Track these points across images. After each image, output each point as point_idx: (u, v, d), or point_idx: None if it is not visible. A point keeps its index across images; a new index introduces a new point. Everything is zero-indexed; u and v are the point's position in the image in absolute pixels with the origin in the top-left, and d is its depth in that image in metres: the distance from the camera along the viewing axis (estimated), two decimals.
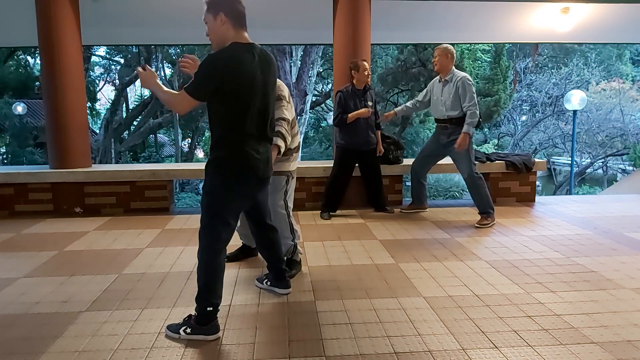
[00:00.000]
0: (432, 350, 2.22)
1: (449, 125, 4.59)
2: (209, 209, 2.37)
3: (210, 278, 2.37)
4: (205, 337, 2.35)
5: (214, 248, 2.38)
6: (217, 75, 2.21)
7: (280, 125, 2.95)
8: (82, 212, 5.26)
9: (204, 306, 2.35)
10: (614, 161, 19.20)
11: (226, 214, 2.38)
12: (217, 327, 2.39)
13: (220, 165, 2.34)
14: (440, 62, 4.58)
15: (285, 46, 13.53)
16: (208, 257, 2.37)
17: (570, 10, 6.20)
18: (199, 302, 2.37)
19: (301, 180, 5.33)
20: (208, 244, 2.37)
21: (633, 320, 2.51)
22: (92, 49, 18.70)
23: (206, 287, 2.36)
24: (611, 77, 20.92)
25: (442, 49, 4.61)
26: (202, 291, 2.37)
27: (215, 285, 2.38)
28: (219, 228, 2.37)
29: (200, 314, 2.36)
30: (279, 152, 2.89)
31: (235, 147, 2.32)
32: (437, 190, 15.06)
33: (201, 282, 2.37)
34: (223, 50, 2.26)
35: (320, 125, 23.45)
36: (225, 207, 2.37)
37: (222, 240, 2.40)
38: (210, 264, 2.37)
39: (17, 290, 3.02)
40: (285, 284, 2.93)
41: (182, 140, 22.72)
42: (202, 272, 2.37)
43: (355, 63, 4.79)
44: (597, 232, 4.27)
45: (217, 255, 2.38)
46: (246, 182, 2.39)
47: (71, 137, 5.26)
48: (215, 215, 2.36)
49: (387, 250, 3.79)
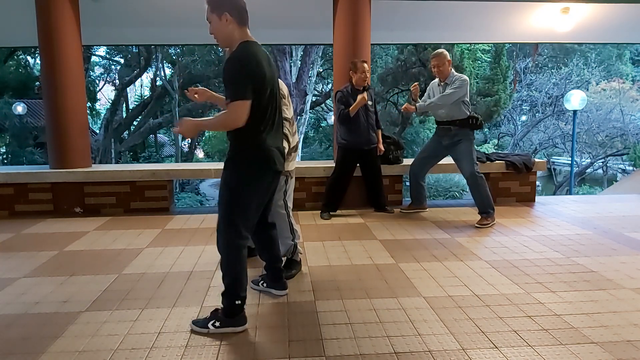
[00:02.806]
0: (432, 350, 2.22)
1: (452, 127, 4.60)
2: (229, 204, 2.38)
3: (237, 273, 2.40)
4: (235, 328, 2.40)
5: (237, 243, 2.40)
6: (250, 73, 2.25)
7: (284, 126, 2.96)
8: (82, 212, 5.26)
9: (232, 300, 2.39)
10: (614, 161, 19.20)
11: (247, 209, 2.40)
12: (245, 318, 2.43)
13: (242, 161, 2.37)
14: (441, 69, 4.59)
15: (285, 46, 13.53)
16: (231, 253, 2.40)
17: (570, 10, 6.20)
18: (227, 296, 2.41)
19: (301, 180, 5.33)
20: (230, 240, 2.39)
21: (633, 320, 2.51)
22: (92, 49, 18.70)
23: (234, 282, 2.40)
24: (611, 77, 20.92)
25: (440, 57, 4.58)
26: (230, 287, 2.40)
27: (242, 279, 2.41)
28: (240, 223, 2.39)
29: (229, 308, 2.40)
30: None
31: (256, 143, 2.35)
32: (437, 190, 15.06)
33: (229, 278, 2.40)
34: (242, 51, 2.28)
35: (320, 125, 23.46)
36: (245, 203, 2.39)
37: (243, 236, 2.42)
38: (235, 259, 2.40)
39: (17, 290, 3.02)
40: (282, 285, 2.92)
41: (182, 140, 22.69)
42: (228, 269, 2.40)
43: (355, 64, 4.80)
44: (597, 232, 4.27)
45: (241, 250, 2.41)
46: (265, 177, 2.42)
47: (71, 137, 5.26)
48: (235, 210, 2.38)
49: (387, 250, 3.79)
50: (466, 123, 4.54)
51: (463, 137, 4.56)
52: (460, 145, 4.58)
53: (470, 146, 4.59)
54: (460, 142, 4.57)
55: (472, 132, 4.63)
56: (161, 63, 18.86)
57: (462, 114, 4.53)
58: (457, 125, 4.56)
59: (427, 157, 4.97)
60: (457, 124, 4.56)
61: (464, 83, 4.50)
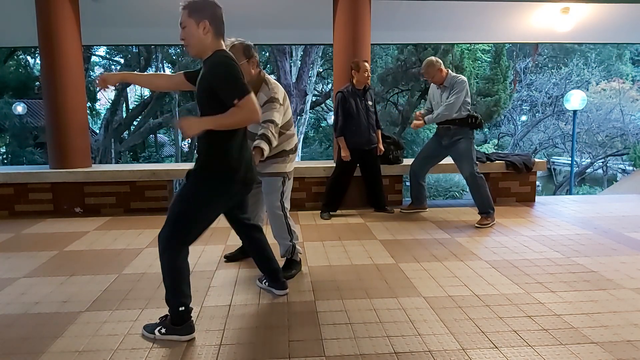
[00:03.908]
0: (432, 350, 2.22)
1: (451, 127, 4.60)
2: (183, 216, 2.31)
3: (176, 280, 2.34)
4: (180, 337, 2.34)
5: (178, 250, 2.34)
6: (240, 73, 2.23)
7: (266, 128, 2.91)
8: (82, 212, 5.26)
9: (175, 307, 2.34)
10: (614, 161, 19.22)
11: (200, 223, 2.35)
12: (191, 327, 2.38)
13: (206, 178, 2.30)
14: (436, 78, 4.60)
15: (285, 46, 13.54)
16: (172, 261, 2.33)
17: (570, 10, 6.20)
18: (169, 303, 2.36)
19: (301, 180, 5.33)
20: (173, 248, 2.32)
21: (633, 320, 2.51)
22: (92, 49, 18.71)
23: (174, 289, 2.34)
24: (611, 77, 20.94)
25: (431, 67, 4.55)
26: (169, 292, 2.35)
27: (181, 286, 2.35)
28: (187, 235, 2.33)
29: (174, 314, 2.36)
30: (262, 154, 2.85)
31: (225, 158, 2.29)
32: (437, 190, 15.07)
33: (167, 283, 2.35)
34: (224, 55, 2.24)
35: (320, 125, 23.47)
36: (200, 218, 2.33)
37: (186, 244, 2.36)
38: (175, 266, 2.33)
39: (17, 290, 3.02)
40: (281, 285, 2.91)
41: (182, 140, 22.70)
42: (167, 274, 2.34)
43: (357, 63, 4.79)
44: (597, 232, 4.28)
45: (178, 257, 2.34)
46: (227, 192, 2.35)
47: (71, 137, 5.26)
48: (186, 223, 2.31)
49: (387, 250, 3.79)
50: (465, 122, 4.54)
51: (463, 136, 4.56)
52: (459, 145, 4.58)
53: (470, 146, 4.59)
54: (459, 142, 4.57)
55: (472, 132, 4.63)
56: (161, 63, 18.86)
57: (462, 114, 4.53)
58: (457, 124, 4.57)
59: (427, 157, 4.97)
60: (456, 123, 4.57)
61: (463, 85, 4.50)
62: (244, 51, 2.95)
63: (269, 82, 3.07)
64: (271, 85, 3.05)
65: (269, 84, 3.05)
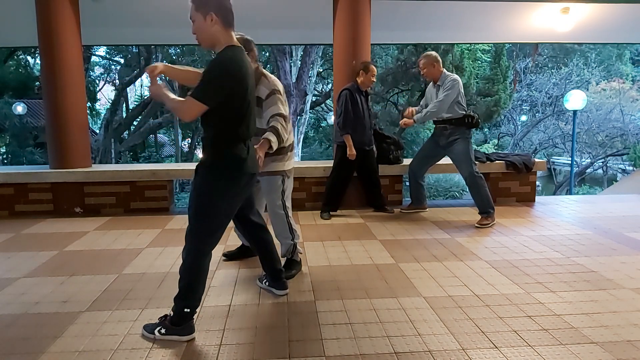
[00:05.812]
0: (432, 350, 2.22)
1: (448, 126, 4.60)
2: (199, 211, 2.33)
3: (193, 280, 2.34)
4: (180, 337, 2.33)
5: (202, 250, 2.35)
6: (228, 82, 2.19)
7: (276, 121, 2.93)
8: (82, 212, 5.26)
9: (181, 307, 2.34)
10: (614, 161, 19.22)
11: (217, 216, 2.34)
12: (191, 327, 2.38)
13: (214, 168, 2.31)
14: (428, 72, 4.62)
15: (285, 46, 13.53)
16: (194, 259, 2.34)
17: (570, 10, 6.20)
18: (177, 302, 2.35)
19: (301, 180, 5.33)
20: (196, 245, 2.34)
21: (633, 320, 2.51)
22: (92, 49, 18.71)
23: (188, 288, 2.34)
24: (611, 77, 20.94)
25: (426, 59, 4.59)
26: (182, 292, 2.35)
27: (197, 287, 2.36)
28: (209, 231, 2.35)
29: (177, 315, 2.35)
30: (270, 147, 2.85)
31: (230, 148, 2.30)
32: (437, 190, 15.06)
33: (183, 283, 2.35)
34: (229, 56, 2.23)
35: (320, 125, 23.46)
36: (216, 210, 2.33)
37: (210, 243, 2.37)
38: (195, 266, 2.34)
39: (17, 290, 3.02)
40: (281, 285, 2.91)
41: (182, 140, 22.73)
42: (185, 273, 2.34)
43: (367, 65, 4.78)
44: (597, 232, 4.27)
45: (204, 258, 2.36)
46: (238, 183, 2.36)
47: (71, 137, 5.26)
48: (205, 218, 2.32)
49: (387, 250, 3.79)
50: (462, 122, 4.54)
51: (460, 136, 4.55)
52: (456, 146, 4.57)
53: (467, 146, 4.58)
54: (456, 142, 4.56)
55: (469, 131, 4.62)
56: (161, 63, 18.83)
57: (457, 113, 4.54)
58: (453, 124, 4.56)
59: (425, 157, 4.97)
60: (452, 123, 4.57)
61: (455, 83, 4.49)
62: (243, 45, 2.97)
63: (268, 75, 3.10)
64: (270, 79, 3.09)
65: (268, 78, 3.09)
